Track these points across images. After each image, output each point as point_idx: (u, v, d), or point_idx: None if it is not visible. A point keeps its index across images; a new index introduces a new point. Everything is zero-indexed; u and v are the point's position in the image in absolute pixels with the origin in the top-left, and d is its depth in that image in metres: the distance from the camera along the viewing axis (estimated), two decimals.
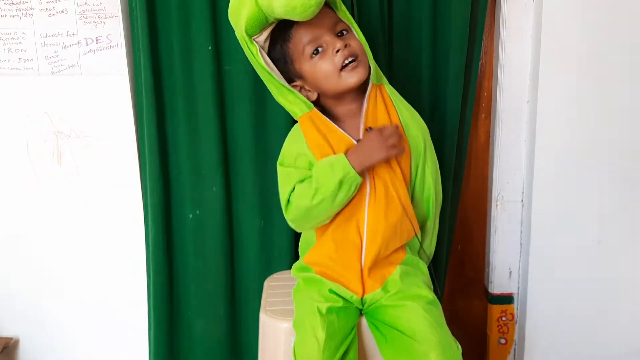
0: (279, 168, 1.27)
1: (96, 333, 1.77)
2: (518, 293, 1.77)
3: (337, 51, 1.16)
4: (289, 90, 1.21)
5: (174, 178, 1.62)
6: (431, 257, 1.38)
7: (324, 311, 1.17)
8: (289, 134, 1.29)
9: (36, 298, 1.75)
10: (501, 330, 1.80)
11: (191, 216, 1.63)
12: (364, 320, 1.24)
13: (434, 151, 1.31)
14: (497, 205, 1.73)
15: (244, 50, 1.20)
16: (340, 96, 1.22)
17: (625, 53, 1.56)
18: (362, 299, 1.23)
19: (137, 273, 1.71)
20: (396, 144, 1.15)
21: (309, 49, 1.18)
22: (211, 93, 1.54)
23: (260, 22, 1.15)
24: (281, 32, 1.19)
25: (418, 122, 1.27)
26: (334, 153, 1.19)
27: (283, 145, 1.29)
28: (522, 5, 1.60)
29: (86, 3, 1.55)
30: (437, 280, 1.63)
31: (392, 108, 1.25)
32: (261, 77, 1.23)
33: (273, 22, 1.18)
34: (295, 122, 1.29)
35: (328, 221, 1.24)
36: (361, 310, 1.25)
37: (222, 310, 1.67)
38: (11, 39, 1.57)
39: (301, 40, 1.17)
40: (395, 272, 1.24)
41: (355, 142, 1.19)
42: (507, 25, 1.61)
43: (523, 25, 1.61)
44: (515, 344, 1.81)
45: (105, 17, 1.55)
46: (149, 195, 1.60)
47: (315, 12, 1.10)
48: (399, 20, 1.55)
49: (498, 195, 1.73)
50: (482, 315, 1.83)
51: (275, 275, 1.52)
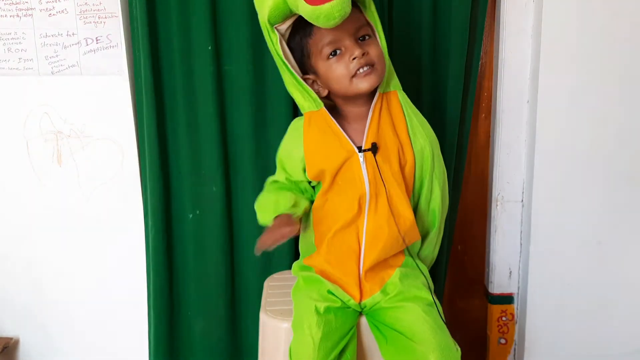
0: (277, 157, 1.31)
1: (96, 333, 1.77)
2: (518, 293, 1.77)
3: (354, 58, 1.15)
4: (301, 83, 1.21)
5: (174, 178, 1.62)
6: (433, 262, 1.38)
7: (322, 310, 1.17)
8: (290, 128, 1.30)
9: (36, 298, 1.75)
10: (501, 330, 1.80)
11: (191, 216, 1.63)
12: (364, 320, 1.24)
13: (443, 163, 1.29)
14: (497, 205, 1.73)
15: (265, 36, 1.20)
16: (350, 98, 1.22)
17: (625, 53, 1.56)
18: (361, 304, 1.23)
19: (137, 273, 1.71)
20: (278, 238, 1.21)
21: (327, 50, 1.17)
22: (211, 93, 1.54)
23: (283, 13, 1.15)
24: (303, 26, 1.18)
25: (427, 133, 1.25)
26: (327, 161, 1.20)
27: (283, 138, 1.30)
28: (522, 5, 1.60)
29: (86, 3, 1.55)
30: (437, 280, 1.64)
31: (399, 118, 1.23)
32: (277, 65, 1.23)
33: (296, 14, 1.16)
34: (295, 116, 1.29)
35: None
36: (360, 311, 1.25)
37: (222, 310, 1.67)
38: (11, 39, 1.58)
39: (321, 39, 1.16)
40: (394, 275, 1.24)
41: (356, 149, 1.19)
42: (507, 25, 1.61)
43: (523, 25, 1.61)
44: (515, 344, 1.81)
45: (105, 17, 1.55)
46: (149, 195, 1.61)
47: (338, 24, 1.08)
48: (399, 20, 1.54)
49: (498, 195, 1.73)
50: (482, 315, 1.84)
51: (275, 275, 1.51)
